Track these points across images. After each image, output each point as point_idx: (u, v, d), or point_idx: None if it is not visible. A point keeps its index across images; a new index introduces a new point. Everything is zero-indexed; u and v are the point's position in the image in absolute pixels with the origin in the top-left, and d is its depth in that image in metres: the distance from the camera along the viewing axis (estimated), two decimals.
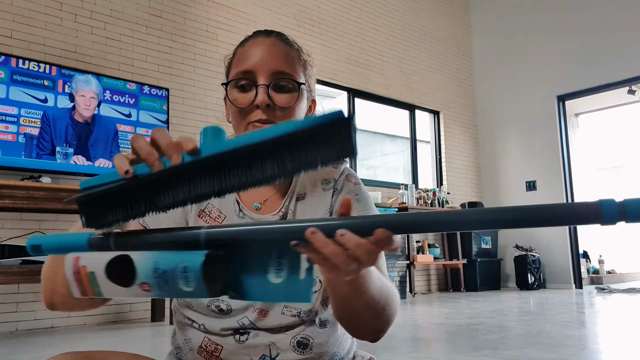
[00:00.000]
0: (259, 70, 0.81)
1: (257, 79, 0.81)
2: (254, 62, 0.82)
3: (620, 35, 5.95)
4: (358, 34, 5.83)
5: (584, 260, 6.95)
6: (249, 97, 0.81)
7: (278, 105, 0.81)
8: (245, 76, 0.82)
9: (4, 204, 2.92)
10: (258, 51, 0.83)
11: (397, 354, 2.34)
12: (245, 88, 0.82)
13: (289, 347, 0.79)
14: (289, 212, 0.86)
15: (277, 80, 0.82)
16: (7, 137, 3.14)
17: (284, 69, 0.82)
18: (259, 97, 0.80)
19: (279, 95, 0.82)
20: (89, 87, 3.52)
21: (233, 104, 0.82)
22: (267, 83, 0.81)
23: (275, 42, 0.84)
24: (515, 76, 6.74)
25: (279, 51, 0.83)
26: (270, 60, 0.82)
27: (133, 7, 4.06)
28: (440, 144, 6.66)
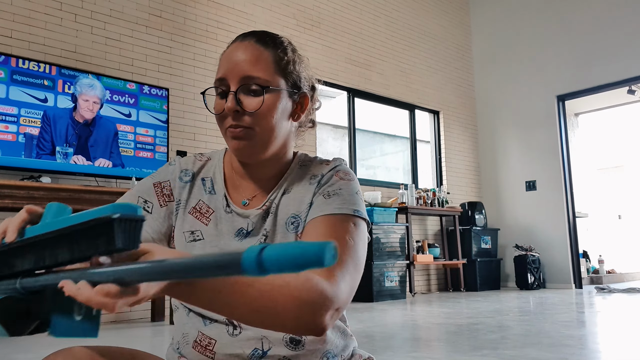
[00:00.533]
0: (230, 76, 0.83)
1: (230, 85, 0.83)
2: (226, 69, 0.84)
3: (620, 35, 5.96)
4: (358, 34, 5.83)
5: (583, 260, 6.96)
6: (224, 103, 0.84)
7: (246, 110, 0.82)
8: (220, 84, 0.84)
9: (3, 204, 2.92)
10: (231, 57, 0.84)
11: (397, 354, 2.34)
12: (223, 94, 0.85)
13: (281, 342, 0.81)
14: (273, 205, 0.89)
15: (245, 84, 0.83)
16: (7, 137, 3.14)
17: (251, 73, 0.82)
18: (227, 103, 0.82)
19: (247, 99, 0.83)
20: (94, 92, 3.52)
21: (212, 112, 0.86)
22: (234, 89, 0.82)
23: (248, 46, 0.85)
24: (515, 76, 6.75)
25: (250, 55, 0.84)
26: (240, 66, 0.83)
27: (133, 7, 4.07)
28: (440, 143, 6.67)
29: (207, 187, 0.92)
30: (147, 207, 0.87)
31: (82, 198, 3.18)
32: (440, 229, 6.29)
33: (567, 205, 6.23)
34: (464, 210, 6.24)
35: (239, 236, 0.87)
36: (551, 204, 6.29)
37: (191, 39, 4.37)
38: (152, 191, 0.89)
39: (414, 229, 5.90)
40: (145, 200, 0.88)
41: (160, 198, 0.89)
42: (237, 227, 0.87)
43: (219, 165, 0.94)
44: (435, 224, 6.30)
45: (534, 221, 6.40)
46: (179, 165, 0.93)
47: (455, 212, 6.10)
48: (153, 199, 0.88)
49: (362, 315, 3.82)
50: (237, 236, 0.87)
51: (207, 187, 0.91)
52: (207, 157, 0.95)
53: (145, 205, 0.87)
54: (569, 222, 6.20)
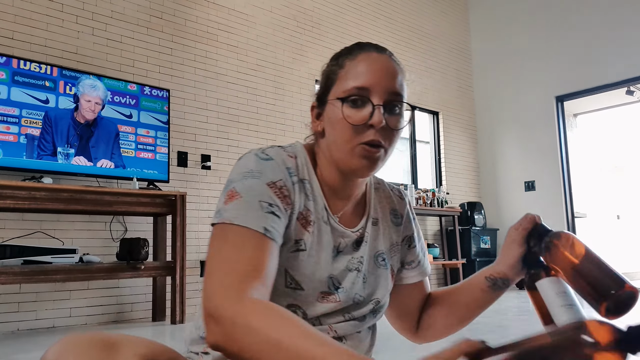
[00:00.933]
0: (375, 88, 0.78)
1: (372, 97, 0.78)
2: (369, 78, 0.79)
3: (619, 35, 5.98)
4: (358, 35, 5.85)
5: None
6: (362, 115, 0.78)
7: (390, 127, 0.79)
8: (359, 92, 0.78)
9: (5, 205, 2.93)
10: (373, 67, 0.80)
11: (397, 354, 2.35)
12: (356, 104, 0.78)
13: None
14: (366, 234, 0.89)
15: (392, 101, 0.80)
16: (8, 137, 3.16)
17: (397, 89, 0.80)
18: (376, 117, 0.77)
19: (392, 117, 0.80)
20: (96, 93, 3.54)
21: (346, 120, 0.78)
22: (382, 103, 0.78)
23: (389, 61, 0.83)
24: (514, 76, 6.76)
25: (393, 70, 0.82)
26: (386, 80, 0.79)
27: (134, 8, 4.08)
28: (439, 144, 6.69)
29: (307, 191, 0.83)
30: (275, 212, 0.74)
31: (84, 199, 3.20)
32: (439, 229, 6.30)
33: (566, 206, 6.25)
34: (463, 211, 6.25)
35: (333, 252, 0.84)
36: (550, 204, 6.31)
37: (192, 40, 4.38)
38: (271, 193, 0.75)
39: None
40: (270, 204, 0.74)
41: (283, 200, 0.77)
42: (334, 243, 0.84)
43: (309, 167, 0.85)
44: (435, 224, 6.32)
45: None
46: (279, 160, 0.80)
47: (455, 212, 6.12)
48: (277, 202, 0.75)
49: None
50: (332, 252, 0.84)
51: (307, 192, 0.83)
52: (293, 154, 0.84)
53: (272, 209, 0.74)
54: (567, 222, 6.22)
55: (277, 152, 0.82)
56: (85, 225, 3.62)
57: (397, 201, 0.96)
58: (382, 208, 0.93)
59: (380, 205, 0.93)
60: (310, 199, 0.83)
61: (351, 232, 0.87)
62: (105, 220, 3.70)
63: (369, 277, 0.88)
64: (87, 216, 3.61)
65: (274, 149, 0.82)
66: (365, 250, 0.88)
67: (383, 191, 0.95)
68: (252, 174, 0.76)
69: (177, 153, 4.11)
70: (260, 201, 0.73)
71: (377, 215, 0.92)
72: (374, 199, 0.93)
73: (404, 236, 0.96)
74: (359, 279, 0.86)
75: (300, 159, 0.84)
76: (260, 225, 0.71)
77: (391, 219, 0.94)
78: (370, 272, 0.88)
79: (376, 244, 0.90)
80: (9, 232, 3.28)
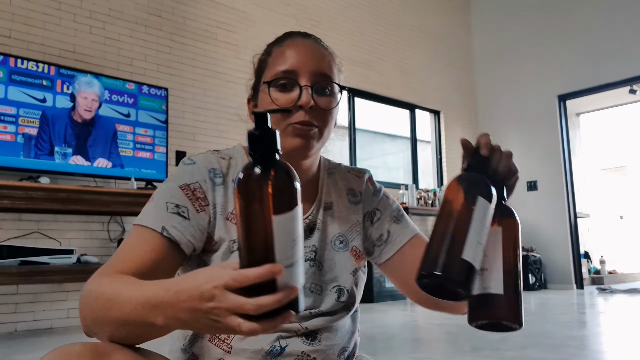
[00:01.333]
0: (302, 70, 0.80)
1: (299, 79, 0.79)
2: (295, 61, 0.80)
3: (622, 34, 5.94)
4: (358, 34, 5.82)
5: (585, 261, 6.93)
6: (291, 97, 0.79)
7: (320, 107, 0.80)
8: (286, 75, 0.80)
9: (2, 205, 2.91)
10: (299, 51, 0.81)
11: (398, 355, 2.32)
12: (286, 88, 0.80)
13: (297, 338, 0.80)
14: (318, 221, 0.88)
15: (320, 82, 0.80)
16: (5, 137, 3.13)
17: (326, 71, 0.81)
18: (304, 97, 0.78)
19: (321, 98, 0.81)
20: (92, 90, 3.51)
21: (274, 104, 0.80)
22: (310, 84, 0.79)
23: (314, 44, 0.84)
24: (516, 75, 6.73)
25: (320, 53, 0.83)
26: (313, 62, 0.81)
27: (132, 6, 4.05)
28: (440, 143, 6.65)
29: None
30: (181, 212, 0.76)
31: (81, 199, 3.17)
32: None
33: (569, 206, 6.21)
34: None
35: None
36: (552, 204, 6.27)
37: (191, 38, 4.35)
38: (182, 194, 0.77)
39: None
40: (176, 205, 0.76)
41: (195, 202, 0.78)
42: None
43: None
44: None
45: (535, 221, 6.38)
46: (202, 164, 0.82)
47: None
48: (186, 203, 0.77)
49: (362, 316, 3.79)
50: None
51: None
52: (229, 156, 0.86)
53: (179, 209, 0.76)
54: (570, 223, 6.18)
55: (205, 156, 0.84)
56: (83, 225, 3.60)
57: (353, 180, 0.94)
58: (337, 191, 0.92)
59: (335, 188, 0.92)
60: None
61: None
62: (103, 220, 3.68)
63: (326, 263, 0.87)
64: (84, 216, 3.58)
65: (203, 154, 0.85)
66: (317, 238, 0.86)
67: (339, 174, 0.94)
68: (170, 179, 0.80)
69: (175, 152, 4.08)
70: (167, 202, 0.76)
71: (330, 199, 0.90)
72: (326, 185, 0.91)
73: (365, 212, 0.93)
74: (313, 268, 0.85)
75: (237, 160, 0.86)
76: (159, 224, 0.74)
77: (349, 199, 0.92)
78: (326, 258, 0.87)
79: (332, 228, 0.88)
80: (6, 233, 3.26)
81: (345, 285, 0.86)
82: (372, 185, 0.95)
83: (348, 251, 0.89)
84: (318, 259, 0.86)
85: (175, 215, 0.75)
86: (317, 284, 0.85)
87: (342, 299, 0.85)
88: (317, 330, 0.82)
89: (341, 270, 0.87)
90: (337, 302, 0.85)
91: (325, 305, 0.83)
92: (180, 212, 0.76)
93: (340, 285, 0.86)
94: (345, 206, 0.91)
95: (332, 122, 0.83)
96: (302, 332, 0.81)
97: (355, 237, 0.91)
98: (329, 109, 0.81)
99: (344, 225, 0.90)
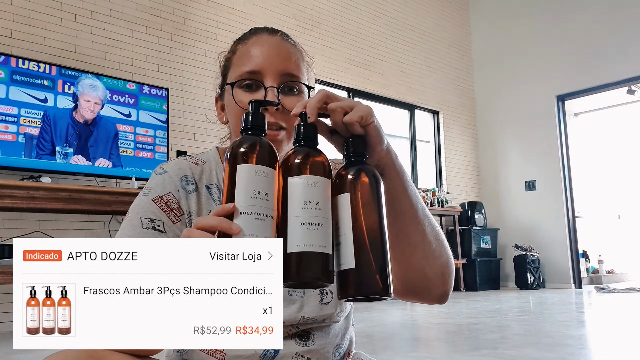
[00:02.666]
0: (267, 70, 0.77)
1: (265, 80, 0.77)
2: (260, 61, 0.78)
3: (620, 35, 5.96)
4: (357, 34, 5.83)
5: (583, 260, 6.96)
6: (256, 98, 0.77)
7: (287, 109, 0.76)
8: (251, 76, 0.78)
9: (3, 204, 2.92)
10: (264, 50, 0.79)
11: (397, 354, 2.34)
12: (251, 88, 0.78)
13: (291, 339, 0.79)
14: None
15: (286, 82, 0.78)
16: (7, 137, 3.14)
17: (292, 70, 0.79)
18: (269, 99, 0.76)
19: (288, 97, 0.78)
20: (96, 94, 3.52)
21: (239, 105, 0.77)
22: (276, 85, 0.77)
23: (281, 42, 0.81)
24: (515, 76, 6.75)
25: (286, 52, 0.80)
26: (279, 61, 0.78)
27: (133, 7, 4.07)
28: (439, 143, 6.67)
29: (215, 195, 0.81)
30: (157, 227, 0.74)
31: (82, 198, 3.18)
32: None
33: (567, 205, 6.23)
34: (463, 210, 6.24)
35: None
36: (551, 204, 6.29)
37: (191, 39, 4.37)
38: (156, 208, 0.75)
39: None
40: (151, 219, 0.74)
41: (170, 214, 0.76)
42: None
43: (220, 169, 0.84)
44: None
45: (533, 221, 6.40)
46: (173, 172, 0.80)
47: (455, 212, 6.11)
48: (161, 216, 0.75)
49: (361, 314, 3.82)
50: None
51: (215, 196, 0.81)
52: (202, 160, 0.84)
53: (154, 224, 0.74)
54: (568, 222, 6.20)
55: (177, 163, 0.82)
56: (84, 224, 3.61)
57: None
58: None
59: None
60: (218, 203, 0.80)
61: None
62: (104, 219, 3.69)
63: None
64: (85, 216, 3.59)
65: (174, 161, 0.83)
66: None
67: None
68: (144, 192, 0.78)
69: (176, 152, 4.09)
70: (142, 217, 0.74)
71: None
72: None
73: None
74: None
75: (210, 164, 0.84)
76: None
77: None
78: None
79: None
80: (7, 232, 3.27)
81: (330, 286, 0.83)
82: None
83: None
84: None
85: (151, 230, 0.74)
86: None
87: (325, 300, 0.82)
88: (310, 330, 0.81)
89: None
90: (321, 304, 0.81)
91: (309, 308, 0.80)
92: (156, 226, 0.74)
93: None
94: None
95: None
96: (295, 332, 0.80)
97: None
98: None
99: None
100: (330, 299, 0.83)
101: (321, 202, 0.54)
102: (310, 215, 0.53)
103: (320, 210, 0.53)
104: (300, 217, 0.53)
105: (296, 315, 0.80)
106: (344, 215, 0.55)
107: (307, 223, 0.53)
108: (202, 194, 0.80)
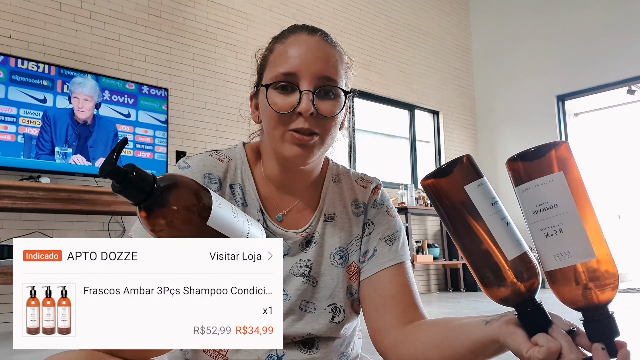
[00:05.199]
0: (303, 73, 0.74)
1: (300, 82, 0.74)
2: (296, 63, 0.74)
3: (620, 35, 5.96)
4: (357, 34, 5.83)
5: None
6: (291, 101, 0.74)
7: (322, 114, 0.74)
8: (286, 78, 0.74)
9: (3, 204, 2.91)
10: (301, 51, 0.75)
11: None
12: (286, 90, 0.74)
13: (295, 346, 0.79)
14: (316, 234, 0.82)
15: (322, 86, 0.74)
16: (6, 137, 3.14)
17: (329, 74, 0.75)
18: (303, 104, 0.72)
19: (323, 102, 0.74)
20: (81, 90, 3.50)
21: (272, 108, 0.74)
22: (311, 89, 0.73)
23: (320, 43, 0.77)
24: (515, 76, 6.75)
25: (324, 53, 0.76)
26: (316, 64, 0.74)
27: (132, 7, 4.06)
28: (439, 143, 6.67)
29: (237, 197, 0.80)
30: None
31: (82, 198, 3.18)
32: (440, 229, 6.29)
33: None
34: None
35: None
36: None
37: (190, 39, 4.36)
38: None
39: (414, 229, 5.90)
40: None
41: None
42: None
43: (245, 169, 0.82)
44: (435, 224, 6.30)
45: None
46: (197, 168, 0.78)
47: None
48: None
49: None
50: None
51: (238, 197, 0.80)
52: (227, 157, 0.82)
53: None
54: None
55: (201, 158, 0.80)
56: (83, 225, 3.61)
57: (359, 190, 0.87)
58: (342, 201, 0.86)
59: (340, 198, 0.86)
60: (240, 205, 0.79)
61: (294, 233, 0.81)
62: (104, 220, 3.69)
63: (322, 279, 0.81)
64: (85, 216, 3.59)
65: (199, 156, 0.80)
66: (314, 252, 0.81)
67: (346, 182, 0.88)
68: None
69: (175, 152, 4.09)
70: None
71: (333, 210, 0.84)
72: (331, 193, 0.86)
73: (363, 223, 0.86)
74: (306, 284, 0.80)
75: (236, 162, 0.82)
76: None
77: (352, 210, 0.86)
78: (322, 274, 0.82)
79: (332, 241, 0.83)
80: (6, 232, 3.26)
81: (341, 303, 0.81)
82: (374, 196, 0.88)
83: (344, 268, 0.83)
84: (313, 274, 0.81)
85: None
86: (310, 302, 0.80)
87: (337, 319, 0.80)
88: (314, 338, 0.80)
89: (339, 288, 0.82)
90: (331, 324, 0.80)
91: (318, 325, 0.79)
92: None
93: (336, 303, 0.81)
94: (349, 217, 0.85)
95: (335, 128, 0.78)
96: (299, 340, 0.79)
97: (354, 252, 0.84)
98: (331, 115, 0.74)
99: (345, 239, 0.84)
100: (342, 318, 0.81)
101: None
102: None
103: None
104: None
105: (303, 330, 0.79)
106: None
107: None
108: (225, 194, 0.79)
